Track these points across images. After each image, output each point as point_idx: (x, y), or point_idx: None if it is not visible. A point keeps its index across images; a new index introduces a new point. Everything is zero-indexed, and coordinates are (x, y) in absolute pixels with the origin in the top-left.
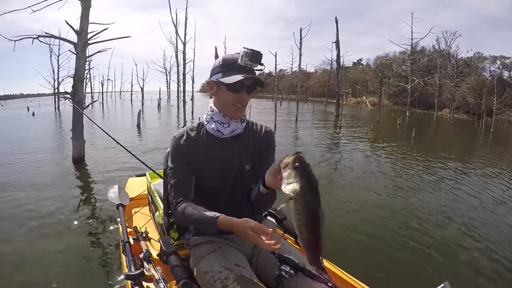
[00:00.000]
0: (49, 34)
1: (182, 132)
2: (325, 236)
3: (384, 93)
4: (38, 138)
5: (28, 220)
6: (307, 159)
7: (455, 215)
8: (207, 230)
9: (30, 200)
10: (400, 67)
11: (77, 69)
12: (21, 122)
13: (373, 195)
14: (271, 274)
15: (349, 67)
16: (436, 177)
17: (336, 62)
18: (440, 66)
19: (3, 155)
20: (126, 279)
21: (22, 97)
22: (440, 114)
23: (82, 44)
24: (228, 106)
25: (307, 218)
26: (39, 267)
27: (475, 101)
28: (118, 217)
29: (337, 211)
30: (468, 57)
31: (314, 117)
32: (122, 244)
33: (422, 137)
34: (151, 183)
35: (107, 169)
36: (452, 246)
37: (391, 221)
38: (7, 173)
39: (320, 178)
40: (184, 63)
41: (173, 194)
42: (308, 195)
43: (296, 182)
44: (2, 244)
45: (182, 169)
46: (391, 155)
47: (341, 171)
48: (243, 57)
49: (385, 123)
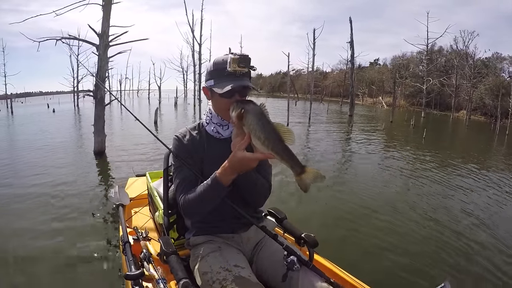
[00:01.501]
0: (72, 36)
1: (184, 131)
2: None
3: (401, 93)
4: (61, 132)
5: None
6: (315, 155)
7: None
8: (217, 196)
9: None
10: (417, 67)
11: (99, 69)
12: (43, 118)
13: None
14: (271, 274)
15: (365, 67)
16: (442, 175)
17: (350, 62)
18: (457, 66)
19: (32, 146)
20: (126, 279)
21: (41, 95)
22: (457, 115)
23: (103, 46)
24: (224, 111)
25: (256, 122)
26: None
27: (492, 103)
28: (118, 217)
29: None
30: (486, 57)
31: (328, 117)
32: (122, 244)
33: (433, 138)
34: (151, 183)
35: (126, 161)
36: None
37: (381, 217)
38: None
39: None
40: (200, 63)
41: (179, 191)
42: (250, 108)
43: (239, 106)
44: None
45: (187, 167)
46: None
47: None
48: (231, 64)
49: (398, 123)
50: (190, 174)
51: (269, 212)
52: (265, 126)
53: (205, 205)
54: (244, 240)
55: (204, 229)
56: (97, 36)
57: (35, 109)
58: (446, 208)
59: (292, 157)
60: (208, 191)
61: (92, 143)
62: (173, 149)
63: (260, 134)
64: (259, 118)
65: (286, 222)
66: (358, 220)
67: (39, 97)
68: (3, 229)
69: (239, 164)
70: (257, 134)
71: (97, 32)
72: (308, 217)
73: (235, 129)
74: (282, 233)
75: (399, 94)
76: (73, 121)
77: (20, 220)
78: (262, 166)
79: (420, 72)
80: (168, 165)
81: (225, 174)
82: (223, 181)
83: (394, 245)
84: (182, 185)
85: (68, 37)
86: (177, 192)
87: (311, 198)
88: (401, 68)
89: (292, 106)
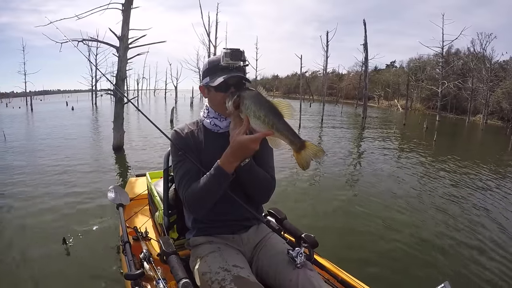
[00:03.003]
0: (93, 38)
1: (183, 126)
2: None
3: (417, 96)
4: (80, 128)
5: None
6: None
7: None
8: (221, 185)
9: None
10: (434, 69)
11: (119, 70)
12: (62, 115)
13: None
14: (271, 274)
15: (382, 69)
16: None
17: (363, 65)
18: (474, 69)
19: (56, 137)
20: (126, 279)
21: (59, 93)
22: (473, 119)
23: (123, 48)
24: (220, 106)
25: (253, 103)
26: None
27: (509, 107)
28: (118, 217)
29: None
30: (504, 60)
31: (342, 118)
32: (122, 244)
33: (444, 141)
34: (151, 183)
35: (142, 158)
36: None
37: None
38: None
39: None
40: None
41: (182, 186)
42: (246, 94)
43: (234, 95)
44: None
45: (188, 160)
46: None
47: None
48: (224, 58)
49: (411, 126)
50: (192, 168)
51: (269, 212)
52: (263, 104)
53: (209, 197)
54: (244, 241)
55: (204, 229)
56: (117, 38)
57: (54, 106)
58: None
59: (292, 132)
60: (212, 181)
61: (111, 139)
62: (172, 143)
63: (259, 113)
64: (257, 98)
65: (286, 222)
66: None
67: (57, 95)
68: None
69: (240, 148)
70: (256, 114)
71: (117, 35)
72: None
73: (233, 120)
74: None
75: (415, 97)
76: (91, 118)
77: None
78: (264, 160)
79: (436, 75)
80: (168, 165)
81: (228, 161)
82: (226, 168)
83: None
84: (185, 178)
85: (90, 39)
86: (180, 186)
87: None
88: (418, 70)
89: (306, 107)
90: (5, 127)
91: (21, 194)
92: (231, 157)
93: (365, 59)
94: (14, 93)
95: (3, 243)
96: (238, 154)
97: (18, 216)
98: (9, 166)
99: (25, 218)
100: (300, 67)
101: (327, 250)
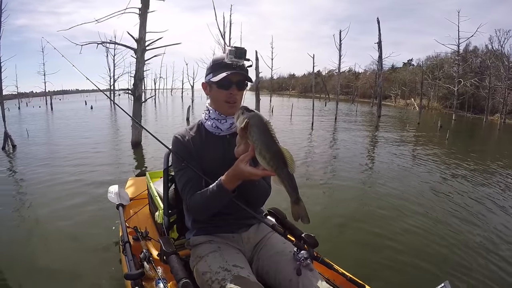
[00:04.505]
0: (112, 41)
1: (183, 131)
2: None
3: (434, 95)
4: (100, 126)
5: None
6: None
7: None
8: (223, 200)
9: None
10: (452, 68)
11: (137, 71)
12: (82, 113)
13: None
14: (272, 274)
15: (399, 67)
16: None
17: (378, 63)
18: (491, 67)
19: (78, 134)
20: (126, 279)
21: (77, 92)
22: (490, 119)
23: (141, 50)
24: (221, 104)
25: (261, 140)
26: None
27: None
28: (118, 217)
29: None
30: None
31: (356, 118)
32: (122, 244)
33: (458, 140)
34: (151, 183)
35: (158, 154)
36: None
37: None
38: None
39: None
40: None
41: (186, 193)
42: (255, 122)
43: (244, 116)
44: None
45: (191, 167)
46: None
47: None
48: (228, 55)
49: (426, 125)
50: (194, 175)
51: (269, 212)
52: (271, 147)
53: (211, 208)
54: (244, 240)
55: (204, 229)
56: (135, 41)
57: (73, 105)
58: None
59: (292, 185)
60: (214, 196)
61: (129, 136)
62: (174, 149)
63: (265, 154)
64: (265, 135)
65: (286, 222)
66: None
67: (76, 94)
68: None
69: (242, 175)
70: (262, 153)
71: (135, 37)
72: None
73: (239, 140)
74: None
75: (432, 96)
76: (110, 117)
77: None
78: None
79: (454, 73)
80: (168, 165)
81: (229, 181)
82: (228, 186)
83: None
84: (188, 186)
85: (109, 42)
86: (183, 193)
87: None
88: (435, 68)
89: (322, 106)
90: (28, 124)
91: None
92: (232, 178)
93: (379, 57)
94: (33, 93)
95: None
96: (239, 178)
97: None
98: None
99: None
100: (313, 66)
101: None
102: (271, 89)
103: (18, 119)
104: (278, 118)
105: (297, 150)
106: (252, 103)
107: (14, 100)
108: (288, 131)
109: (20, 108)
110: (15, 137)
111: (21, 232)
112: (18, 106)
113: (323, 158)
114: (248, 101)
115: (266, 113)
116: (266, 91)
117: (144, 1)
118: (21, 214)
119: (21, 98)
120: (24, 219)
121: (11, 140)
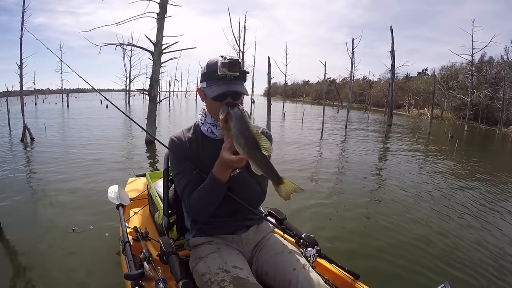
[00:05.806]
0: (130, 43)
1: (180, 133)
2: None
3: (448, 105)
4: (115, 124)
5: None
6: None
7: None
8: (218, 193)
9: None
10: (466, 78)
11: (153, 72)
12: (97, 112)
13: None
14: (271, 275)
15: (413, 77)
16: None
17: (390, 72)
18: (506, 78)
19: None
20: (126, 279)
21: (93, 91)
22: (504, 130)
23: (158, 53)
24: (216, 113)
25: (236, 127)
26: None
27: None
28: (118, 217)
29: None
30: None
31: (366, 126)
32: (122, 244)
33: (467, 151)
34: (151, 183)
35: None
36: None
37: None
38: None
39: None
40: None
41: (185, 196)
42: (233, 113)
43: (223, 108)
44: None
45: (189, 170)
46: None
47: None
48: (220, 68)
49: (437, 135)
50: (192, 179)
51: (269, 213)
52: (244, 132)
53: (209, 205)
54: (243, 241)
55: (204, 230)
56: (152, 44)
57: (89, 103)
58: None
59: (269, 166)
60: (208, 189)
61: (144, 134)
62: (171, 152)
63: (240, 140)
64: (240, 123)
65: (286, 223)
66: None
67: (91, 93)
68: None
69: (225, 164)
70: (238, 140)
71: (152, 41)
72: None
73: (223, 131)
74: (281, 234)
75: (446, 106)
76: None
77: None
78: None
79: (468, 83)
80: (168, 166)
81: (219, 170)
82: (219, 176)
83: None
84: (187, 189)
85: (127, 44)
86: (183, 196)
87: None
88: (449, 78)
89: (334, 113)
90: (47, 119)
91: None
92: (220, 167)
93: (392, 66)
94: (49, 90)
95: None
96: (225, 166)
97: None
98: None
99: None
100: (324, 73)
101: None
102: (285, 95)
103: (34, 115)
104: (289, 126)
105: (302, 160)
106: (264, 108)
107: (31, 96)
108: (296, 140)
109: (37, 104)
110: (33, 130)
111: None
112: (35, 102)
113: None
114: (262, 106)
115: (278, 118)
116: (279, 97)
117: (162, 7)
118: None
119: (38, 95)
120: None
121: (29, 133)
